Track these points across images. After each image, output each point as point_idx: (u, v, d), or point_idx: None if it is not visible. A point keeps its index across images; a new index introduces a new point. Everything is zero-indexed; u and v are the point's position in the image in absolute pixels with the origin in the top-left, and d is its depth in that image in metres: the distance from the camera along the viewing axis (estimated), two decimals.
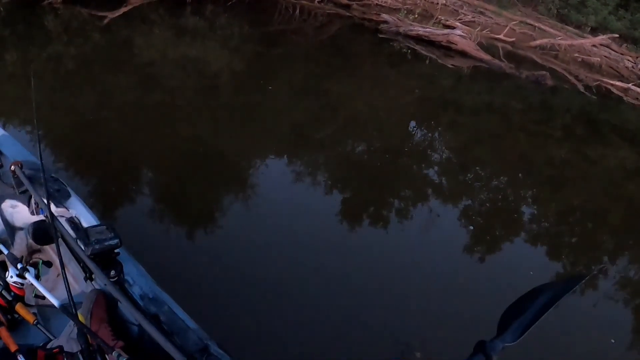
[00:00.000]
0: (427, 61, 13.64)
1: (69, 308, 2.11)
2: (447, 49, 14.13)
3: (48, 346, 2.16)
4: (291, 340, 3.74)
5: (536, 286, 1.75)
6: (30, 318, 2.17)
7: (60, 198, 2.80)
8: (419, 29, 14.50)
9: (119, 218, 4.70)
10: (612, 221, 7.43)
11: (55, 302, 2.11)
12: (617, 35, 16.30)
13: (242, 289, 4.07)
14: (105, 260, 2.34)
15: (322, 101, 9.32)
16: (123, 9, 10.68)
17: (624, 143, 11.06)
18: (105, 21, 10.15)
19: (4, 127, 3.70)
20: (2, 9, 9.24)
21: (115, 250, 2.40)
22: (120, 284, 2.41)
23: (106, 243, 2.33)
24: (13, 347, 1.99)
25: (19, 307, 2.24)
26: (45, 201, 2.47)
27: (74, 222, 2.48)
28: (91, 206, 2.98)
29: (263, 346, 3.54)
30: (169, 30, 11.09)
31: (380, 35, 14.52)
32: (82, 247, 2.28)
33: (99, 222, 2.68)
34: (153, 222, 4.83)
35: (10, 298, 2.34)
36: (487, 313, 1.70)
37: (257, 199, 5.60)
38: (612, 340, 4.67)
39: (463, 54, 13.97)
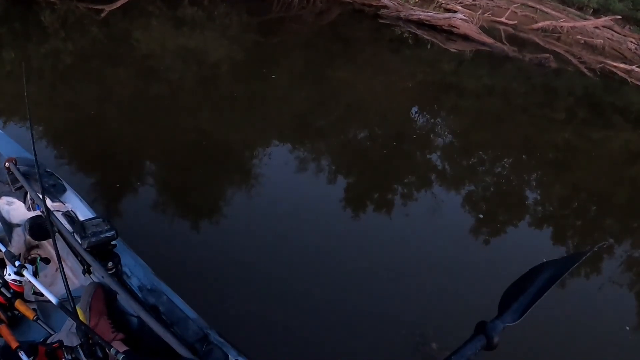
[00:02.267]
0: (429, 46, 13.59)
1: (67, 302, 2.11)
2: (449, 33, 14.08)
3: (48, 341, 2.15)
4: (294, 329, 3.71)
5: (536, 265, 1.73)
6: (30, 314, 2.16)
7: (56, 193, 2.79)
8: (420, 13, 14.44)
9: (116, 210, 4.68)
10: (617, 203, 7.40)
11: (53, 299, 2.09)
12: (619, 17, 16.21)
13: (243, 276, 4.05)
14: (103, 252, 2.35)
15: (323, 88, 9.29)
16: (120, 1, 10.63)
17: (628, 125, 11.01)
18: (103, 14, 10.10)
19: None
20: None
21: (112, 242, 2.40)
22: (118, 275, 2.41)
23: (102, 235, 2.33)
24: (14, 344, 1.97)
25: (18, 304, 2.22)
26: (41, 196, 2.46)
27: (70, 216, 2.49)
28: (89, 199, 2.97)
29: (264, 334, 3.53)
30: (167, 22, 11.05)
31: (381, 21, 14.47)
32: (79, 241, 2.28)
33: (95, 215, 2.67)
34: (151, 213, 4.79)
35: (9, 295, 2.32)
36: (496, 296, 1.68)
37: (258, 187, 5.58)
38: (627, 328, 4.61)
39: (465, 37, 13.92)
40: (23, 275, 2.32)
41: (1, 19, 9.03)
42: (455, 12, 14.79)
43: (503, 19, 15.59)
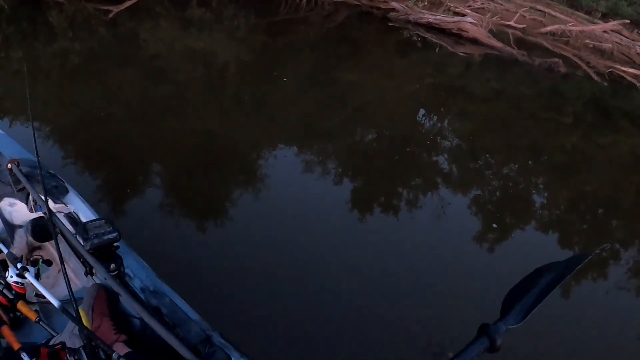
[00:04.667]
0: (437, 49, 13.57)
1: (70, 304, 2.10)
2: (458, 37, 14.07)
3: (51, 343, 2.15)
4: (298, 333, 3.70)
5: (539, 267, 1.71)
6: (32, 316, 2.16)
7: (58, 194, 2.79)
8: (429, 17, 14.42)
9: (119, 211, 4.67)
10: (623, 207, 7.37)
11: (55, 302, 2.09)
12: (628, 21, 16.17)
13: (246, 278, 4.03)
14: (105, 254, 2.33)
15: (330, 91, 9.28)
16: (128, 2, 10.65)
17: (635, 130, 10.96)
18: (111, 15, 10.14)
19: (0, 126, 3.70)
20: (6, 6, 9.24)
21: (115, 244, 2.39)
22: (121, 277, 2.39)
23: (105, 237, 2.32)
24: (16, 346, 1.97)
25: (20, 306, 2.22)
26: (43, 198, 2.46)
27: (72, 218, 2.49)
28: (92, 201, 2.96)
29: (268, 337, 3.52)
30: (175, 23, 11.09)
31: (389, 24, 14.45)
32: (81, 242, 2.28)
33: (97, 217, 2.67)
34: (153, 215, 4.77)
35: (11, 297, 2.33)
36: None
37: (264, 190, 5.57)
38: None
39: (474, 41, 13.88)
40: (25, 277, 2.32)
41: (9, 19, 9.06)
42: (464, 15, 14.76)
43: (512, 23, 15.54)
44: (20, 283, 2.38)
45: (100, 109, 6.47)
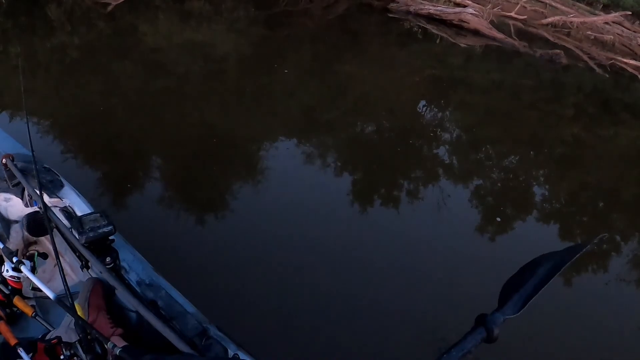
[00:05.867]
0: (439, 40, 13.54)
1: (66, 298, 2.10)
2: (459, 28, 14.03)
3: (47, 337, 2.15)
4: (294, 324, 3.69)
5: (536, 257, 1.71)
6: (28, 311, 2.16)
7: (54, 188, 2.79)
8: (430, 8, 14.37)
9: (115, 205, 4.64)
10: (624, 200, 7.35)
11: (51, 295, 2.09)
12: (629, 13, 16.10)
13: (242, 271, 4.02)
14: (101, 247, 2.35)
15: (331, 83, 9.26)
16: None
17: (637, 122, 10.92)
18: (109, 8, 10.12)
19: None
20: (3, 0, 9.22)
21: (110, 237, 2.39)
22: (117, 270, 2.41)
23: (100, 230, 2.33)
24: (13, 341, 1.97)
25: (16, 301, 2.23)
26: (38, 192, 2.46)
27: (67, 212, 2.49)
28: (87, 195, 2.95)
29: (264, 329, 3.51)
30: (174, 15, 11.05)
31: (390, 15, 14.40)
32: (77, 236, 2.28)
33: (93, 210, 2.66)
34: (149, 207, 4.75)
35: (7, 292, 2.34)
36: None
37: (262, 182, 5.55)
38: None
39: (475, 32, 13.84)
40: (21, 272, 2.32)
41: (7, 13, 9.05)
42: (465, 6, 14.69)
43: (512, 14, 15.48)
44: (17, 277, 2.38)
45: (98, 103, 6.46)
